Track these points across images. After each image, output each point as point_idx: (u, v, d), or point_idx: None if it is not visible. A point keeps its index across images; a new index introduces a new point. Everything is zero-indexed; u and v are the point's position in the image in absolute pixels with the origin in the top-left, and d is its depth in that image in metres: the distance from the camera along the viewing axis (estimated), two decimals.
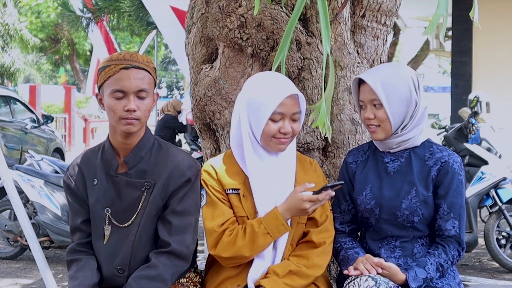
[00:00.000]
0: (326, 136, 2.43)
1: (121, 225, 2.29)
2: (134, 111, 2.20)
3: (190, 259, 2.31)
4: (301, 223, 2.38)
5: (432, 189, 2.38)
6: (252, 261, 2.32)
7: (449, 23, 10.30)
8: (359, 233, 2.59)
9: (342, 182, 2.32)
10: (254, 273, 2.31)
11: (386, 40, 2.96)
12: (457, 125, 6.04)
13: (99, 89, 2.28)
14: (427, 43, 15.04)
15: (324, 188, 2.26)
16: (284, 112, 2.32)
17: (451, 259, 2.36)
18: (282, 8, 2.67)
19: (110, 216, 2.29)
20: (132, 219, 2.28)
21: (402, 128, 2.39)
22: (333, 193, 2.29)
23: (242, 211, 2.34)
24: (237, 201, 2.35)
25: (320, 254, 2.35)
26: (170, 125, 10.12)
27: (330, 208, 2.45)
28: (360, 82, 2.42)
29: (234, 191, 2.37)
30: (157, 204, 2.28)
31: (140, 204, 2.27)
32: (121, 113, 2.20)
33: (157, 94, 2.33)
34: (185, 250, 2.26)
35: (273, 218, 2.29)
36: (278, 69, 2.40)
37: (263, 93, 2.33)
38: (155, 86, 2.31)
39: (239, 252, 2.30)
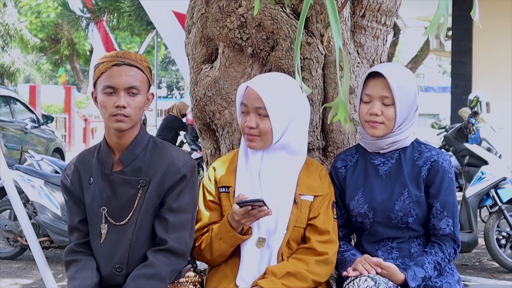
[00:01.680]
0: (348, 128, 2.39)
1: (117, 223, 2.29)
2: (124, 107, 2.21)
3: (187, 256, 2.32)
4: (298, 227, 2.35)
5: (424, 189, 2.38)
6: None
7: (449, 23, 10.31)
8: (353, 237, 2.59)
9: (261, 199, 2.18)
10: (244, 273, 2.30)
11: (386, 40, 2.96)
12: (457, 125, 6.04)
13: (94, 86, 2.30)
14: (427, 43, 15.05)
15: (239, 204, 2.21)
16: (247, 104, 2.34)
17: (448, 257, 2.36)
18: (282, 8, 2.67)
19: (106, 215, 2.29)
20: (128, 217, 2.28)
21: (399, 128, 2.38)
22: (260, 212, 2.19)
23: (229, 210, 2.35)
24: (227, 200, 2.38)
25: (321, 263, 2.32)
26: (172, 126, 10.12)
27: (334, 216, 2.41)
28: (371, 76, 2.39)
29: (225, 190, 2.39)
30: (153, 201, 2.28)
31: (136, 201, 2.27)
32: (111, 109, 2.22)
33: (152, 94, 2.34)
34: (182, 247, 2.27)
35: (223, 224, 2.31)
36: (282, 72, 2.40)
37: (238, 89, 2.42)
38: (149, 85, 2.31)
39: (202, 255, 2.37)
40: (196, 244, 2.37)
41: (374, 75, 2.37)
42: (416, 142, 2.45)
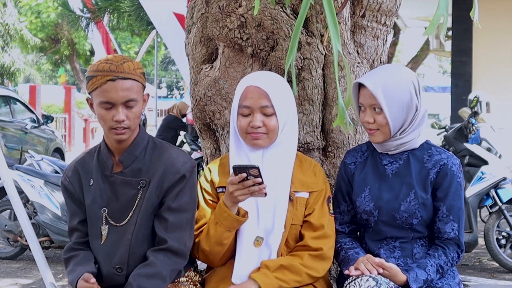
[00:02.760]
0: (348, 133, 2.37)
1: (117, 224, 2.29)
2: (123, 121, 2.21)
3: (187, 256, 2.32)
4: (295, 225, 2.35)
5: (431, 192, 2.38)
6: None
7: (449, 23, 10.30)
8: (358, 233, 2.59)
9: (257, 165, 2.18)
10: (240, 272, 2.30)
11: (386, 40, 2.96)
12: (457, 125, 6.04)
13: (89, 94, 2.29)
14: (427, 43, 15.05)
15: (235, 169, 2.20)
16: (250, 105, 2.32)
17: (451, 261, 2.36)
18: (282, 8, 2.67)
19: (107, 216, 2.30)
20: (128, 217, 2.28)
21: (401, 132, 2.38)
22: (254, 186, 2.18)
23: None
24: None
25: (315, 257, 2.32)
26: (172, 126, 10.12)
27: (331, 212, 2.42)
28: (360, 85, 2.40)
29: (222, 190, 2.39)
30: (152, 201, 2.28)
31: (136, 202, 2.28)
32: (111, 123, 2.22)
33: (148, 95, 2.33)
34: (182, 246, 2.27)
35: (218, 206, 2.31)
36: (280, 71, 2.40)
37: (235, 90, 2.39)
38: (144, 88, 2.30)
39: (201, 247, 2.35)
40: (196, 241, 2.36)
41: (363, 84, 2.38)
42: (427, 144, 2.44)
